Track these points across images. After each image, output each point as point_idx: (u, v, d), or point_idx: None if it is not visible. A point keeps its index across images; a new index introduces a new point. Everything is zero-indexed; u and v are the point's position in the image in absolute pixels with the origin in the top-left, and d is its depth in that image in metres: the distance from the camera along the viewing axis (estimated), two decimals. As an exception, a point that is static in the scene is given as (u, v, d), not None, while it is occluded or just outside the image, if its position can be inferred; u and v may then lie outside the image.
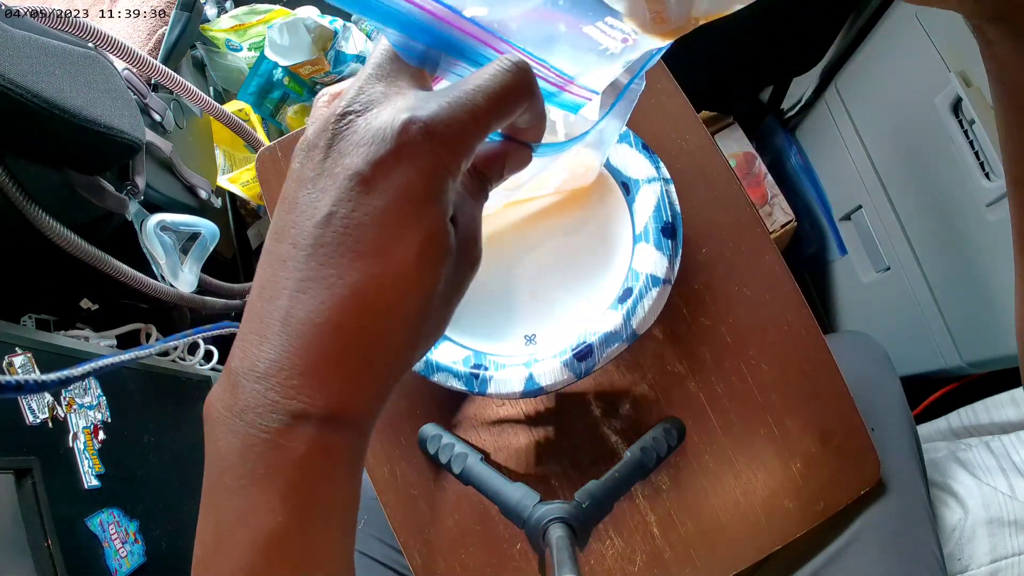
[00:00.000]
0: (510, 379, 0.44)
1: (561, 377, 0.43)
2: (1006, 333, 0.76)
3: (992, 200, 0.71)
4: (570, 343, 0.44)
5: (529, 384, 0.43)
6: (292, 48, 1.25)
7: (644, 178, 0.46)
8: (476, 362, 0.45)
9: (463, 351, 0.46)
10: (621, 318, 0.43)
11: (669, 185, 0.46)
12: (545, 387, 0.43)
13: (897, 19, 0.82)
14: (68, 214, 0.73)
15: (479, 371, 0.44)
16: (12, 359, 0.65)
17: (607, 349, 0.43)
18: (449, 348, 0.46)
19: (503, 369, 0.44)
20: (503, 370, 0.44)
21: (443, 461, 0.43)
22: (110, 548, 0.66)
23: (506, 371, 0.44)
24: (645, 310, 0.43)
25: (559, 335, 0.46)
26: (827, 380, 0.48)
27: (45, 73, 0.64)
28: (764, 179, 1.09)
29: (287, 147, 0.53)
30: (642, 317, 0.43)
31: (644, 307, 0.43)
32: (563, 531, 0.35)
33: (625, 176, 0.47)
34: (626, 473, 0.41)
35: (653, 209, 0.45)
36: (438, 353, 0.45)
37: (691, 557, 0.46)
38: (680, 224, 0.45)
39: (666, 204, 0.45)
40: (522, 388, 0.43)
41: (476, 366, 0.45)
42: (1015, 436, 0.67)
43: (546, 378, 0.43)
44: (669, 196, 0.46)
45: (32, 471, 0.60)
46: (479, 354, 0.46)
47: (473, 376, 0.44)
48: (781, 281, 0.49)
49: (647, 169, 0.46)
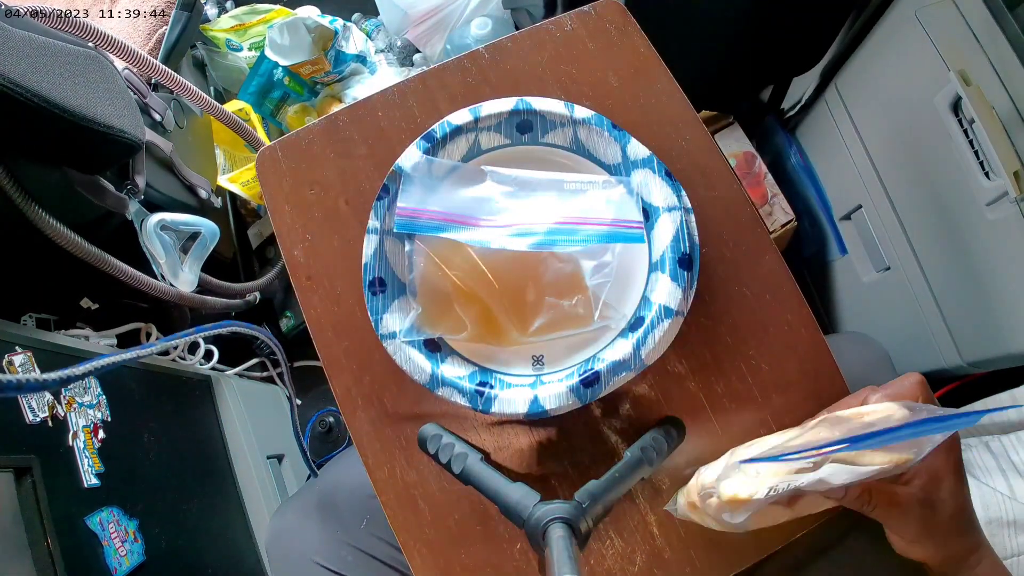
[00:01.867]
0: (514, 399, 0.43)
1: (566, 402, 0.43)
2: (1006, 333, 0.76)
3: (992, 200, 0.71)
4: (578, 368, 0.44)
5: (533, 406, 0.43)
6: (292, 48, 1.25)
7: (665, 206, 0.45)
8: (482, 379, 0.45)
9: (470, 366, 0.46)
10: (631, 347, 0.43)
11: (690, 215, 0.46)
12: (549, 410, 0.43)
13: (897, 19, 0.82)
14: (68, 213, 0.73)
15: (484, 388, 0.44)
16: (12, 358, 0.65)
17: (615, 377, 0.43)
18: (456, 363, 0.46)
19: (508, 389, 0.44)
20: (508, 390, 0.44)
21: (443, 461, 0.43)
22: (110, 547, 0.66)
23: (511, 391, 0.44)
24: (656, 341, 0.43)
25: (567, 359, 0.46)
26: (827, 380, 0.48)
27: (45, 72, 0.64)
28: (764, 179, 1.09)
29: (287, 147, 0.53)
30: (652, 347, 0.43)
31: (655, 337, 0.43)
32: (563, 531, 0.35)
33: (646, 202, 0.46)
34: (626, 473, 0.41)
35: (671, 239, 0.45)
36: (444, 367, 0.45)
37: (691, 557, 0.46)
38: (697, 256, 0.45)
39: (685, 235, 0.45)
40: (526, 410, 0.43)
41: (482, 383, 0.45)
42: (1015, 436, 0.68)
43: (551, 401, 0.43)
44: (689, 227, 0.45)
45: (32, 470, 0.60)
46: (485, 371, 0.46)
47: (478, 393, 0.44)
48: (781, 281, 0.49)
49: (669, 197, 0.45)
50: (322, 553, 0.59)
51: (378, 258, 0.47)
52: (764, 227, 0.51)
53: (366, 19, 1.49)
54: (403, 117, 0.53)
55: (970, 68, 0.69)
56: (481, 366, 0.46)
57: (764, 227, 0.51)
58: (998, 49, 0.70)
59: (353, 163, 0.53)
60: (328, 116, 0.54)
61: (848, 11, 0.92)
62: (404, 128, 0.53)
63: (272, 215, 0.52)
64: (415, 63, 1.42)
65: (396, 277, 0.47)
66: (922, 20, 0.75)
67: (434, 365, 0.45)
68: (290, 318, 1.32)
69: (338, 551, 0.58)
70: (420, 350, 0.45)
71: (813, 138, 1.10)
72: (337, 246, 0.51)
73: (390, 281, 0.47)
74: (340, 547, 0.58)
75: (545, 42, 0.54)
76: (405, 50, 1.42)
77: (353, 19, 1.48)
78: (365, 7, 1.47)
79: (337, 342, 0.49)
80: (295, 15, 1.26)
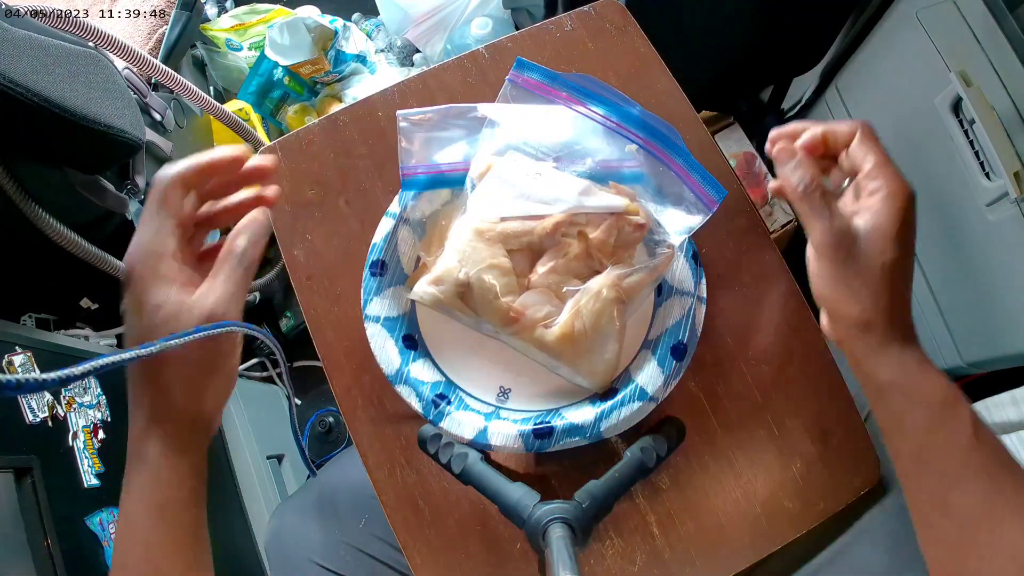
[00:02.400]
0: (465, 423, 0.43)
1: (512, 444, 0.42)
2: (1006, 333, 0.76)
3: (992, 200, 0.71)
4: (536, 416, 0.44)
5: (479, 437, 0.43)
6: (292, 47, 1.25)
7: (680, 289, 0.45)
8: (444, 391, 0.45)
9: (437, 374, 0.46)
10: (593, 416, 0.42)
11: (701, 305, 0.45)
12: (493, 446, 0.43)
13: (897, 19, 0.82)
14: (68, 213, 0.73)
15: (441, 402, 0.44)
16: (12, 358, 0.65)
17: (566, 439, 0.42)
18: (426, 366, 0.46)
19: (464, 411, 0.44)
20: (463, 411, 0.44)
21: (443, 461, 0.43)
22: (110, 547, 0.66)
23: (466, 414, 0.44)
24: (619, 418, 0.42)
25: (531, 401, 0.45)
26: (827, 380, 0.48)
27: (45, 72, 0.64)
28: (764, 179, 1.09)
29: (287, 146, 0.53)
30: (613, 424, 0.42)
31: (619, 415, 0.42)
32: (563, 531, 0.35)
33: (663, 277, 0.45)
34: (626, 473, 0.41)
35: (673, 323, 0.44)
36: (414, 366, 0.45)
37: (691, 557, 0.46)
38: (693, 348, 0.44)
39: (687, 324, 0.44)
40: (472, 436, 0.43)
41: (441, 395, 0.44)
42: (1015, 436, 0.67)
43: (497, 439, 0.42)
44: (694, 317, 0.44)
45: (32, 470, 0.60)
46: (450, 385, 0.46)
47: (434, 403, 0.44)
48: (781, 281, 0.49)
49: (687, 282, 0.45)
50: (321, 553, 0.59)
51: (388, 242, 0.47)
52: (764, 227, 0.51)
53: (366, 19, 1.49)
54: (403, 117, 0.53)
55: (971, 69, 0.69)
56: (448, 379, 0.46)
57: (764, 227, 0.51)
58: (999, 50, 0.69)
59: (353, 163, 0.53)
60: (328, 116, 0.53)
61: (848, 11, 0.92)
62: (404, 128, 0.53)
63: (272, 215, 0.52)
64: (415, 63, 1.42)
65: (399, 267, 0.47)
66: (923, 21, 0.75)
67: (404, 361, 0.45)
68: (290, 318, 1.32)
69: (337, 551, 0.58)
70: (397, 343, 0.45)
71: (813, 138, 1.09)
72: (337, 246, 0.51)
73: (392, 268, 0.47)
74: (339, 547, 0.58)
75: (545, 42, 0.54)
76: (405, 50, 1.42)
77: (353, 19, 1.47)
78: (365, 7, 1.47)
79: (337, 342, 0.49)
80: (295, 15, 1.26)
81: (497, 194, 0.43)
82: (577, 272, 0.43)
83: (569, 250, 0.43)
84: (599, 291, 0.42)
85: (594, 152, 0.45)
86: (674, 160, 0.45)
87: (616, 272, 0.42)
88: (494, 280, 0.42)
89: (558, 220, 0.42)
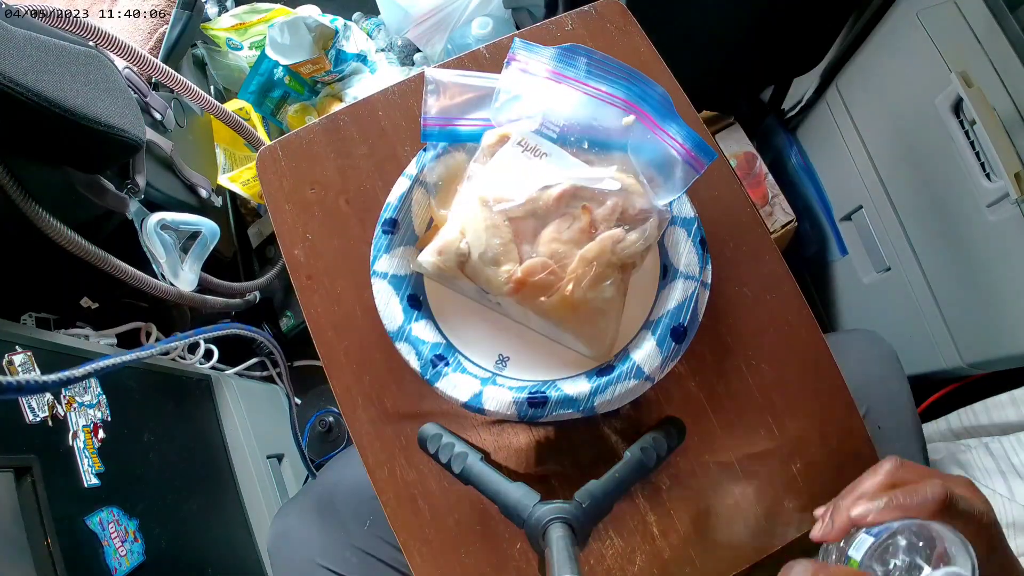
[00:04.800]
0: (460, 385, 0.43)
1: (505, 411, 0.42)
2: (1006, 334, 0.76)
3: (992, 200, 0.71)
4: (531, 386, 0.44)
5: (473, 400, 0.43)
6: (293, 47, 1.25)
7: (684, 272, 0.44)
8: (443, 353, 0.45)
9: (439, 336, 0.46)
10: (588, 390, 0.42)
11: (705, 290, 0.45)
12: (487, 411, 0.42)
13: (898, 19, 0.82)
14: (69, 212, 0.73)
15: (439, 363, 0.44)
16: (12, 358, 0.65)
17: (559, 410, 0.42)
18: (427, 327, 0.46)
19: (461, 373, 0.44)
20: (460, 374, 0.44)
21: (443, 461, 0.43)
22: (109, 547, 0.66)
23: (462, 376, 0.44)
24: (613, 395, 0.42)
25: (528, 371, 0.45)
26: (827, 380, 0.48)
27: (46, 72, 0.64)
28: (765, 179, 1.09)
29: (287, 146, 0.53)
30: (607, 400, 0.42)
31: (614, 391, 0.42)
32: (563, 531, 0.35)
33: (668, 260, 0.45)
34: (626, 473, 0.41)
35: (675, 306, 0.44)
36: (416, 325, 0.45)
37: (691, 557, 0.46)
38: (693, 332, 0.44)
39: (689, 307, 0.43)
40: (465, 400, 0.43)
41: (440, 356, 0.44)
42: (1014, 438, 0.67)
43: (491, 403, 0.42)
44: (696, 302, 0.44)
45: (32, 469, 0.60)
46: (450, 348, 0.46)
47: (432, 363, 0.44)
48: (781, 281, 0.49)
49: (692, 266, 0.44)
50: (325, 555, 0.59)
51: (403, 201, 0.47)
52: (764, 227, 0.51)
53: (367, 18, 1.49)
54: (403, 117, 0.53)
55: (971, 69, 0.69)
56: (449, 341, 0.46)
57: (764, 227, 0.51)
58: (999, 50, 0.70)
59: (353, 162, 0.53)
60: (328, 115, 0.54)
61: (849, 12, 0.92)
62: (404, 128, 0.53)
63: (272, 214, 0.52)
64: (416, 63, 1.42)
65: (411, 227, 0.47)
66: (923, 21, 0.75)
67: (407, 319, 0.45)
68: (290, 318, 1.32)
69: (341, 553, 0.58)
70: (402, 301, 0.45)
71: (814, 139, 1.10)
72: (337, 245, 0.51)
73: (404, 228, 0.47)
74: (343, 548, 0.58)
75: (546, 42, 0.54)
76: (406, 49, 1.42)
77: (354, 18, 1.47)
78: (366, 6, 1.47)
79: (337, 342, 0.49)
80: (296, 14, 1.26)
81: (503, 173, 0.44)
82: (580, 244, 0.43)
83: (573, 223, 0.43)
84: (595, 257, 0.42)
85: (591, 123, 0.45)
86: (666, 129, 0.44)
87: (609, 235, 0.42)
88: (496, 249, 0.42)
89: (563, 190, 0.43)
